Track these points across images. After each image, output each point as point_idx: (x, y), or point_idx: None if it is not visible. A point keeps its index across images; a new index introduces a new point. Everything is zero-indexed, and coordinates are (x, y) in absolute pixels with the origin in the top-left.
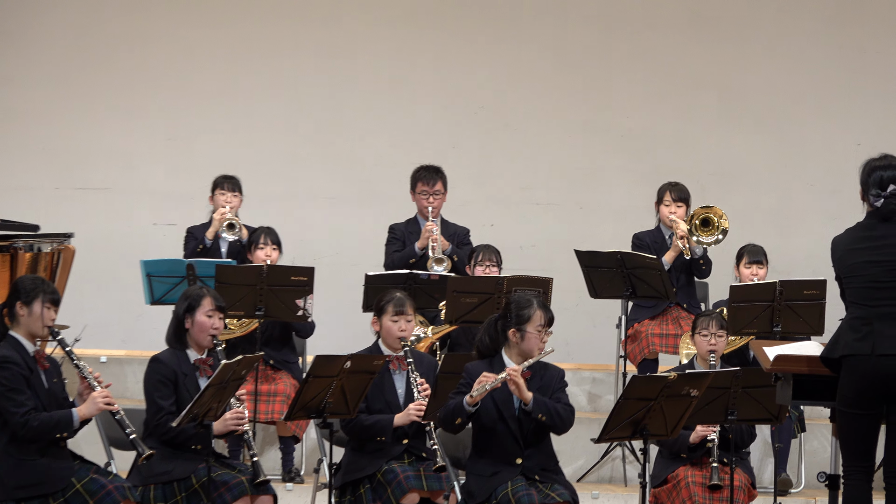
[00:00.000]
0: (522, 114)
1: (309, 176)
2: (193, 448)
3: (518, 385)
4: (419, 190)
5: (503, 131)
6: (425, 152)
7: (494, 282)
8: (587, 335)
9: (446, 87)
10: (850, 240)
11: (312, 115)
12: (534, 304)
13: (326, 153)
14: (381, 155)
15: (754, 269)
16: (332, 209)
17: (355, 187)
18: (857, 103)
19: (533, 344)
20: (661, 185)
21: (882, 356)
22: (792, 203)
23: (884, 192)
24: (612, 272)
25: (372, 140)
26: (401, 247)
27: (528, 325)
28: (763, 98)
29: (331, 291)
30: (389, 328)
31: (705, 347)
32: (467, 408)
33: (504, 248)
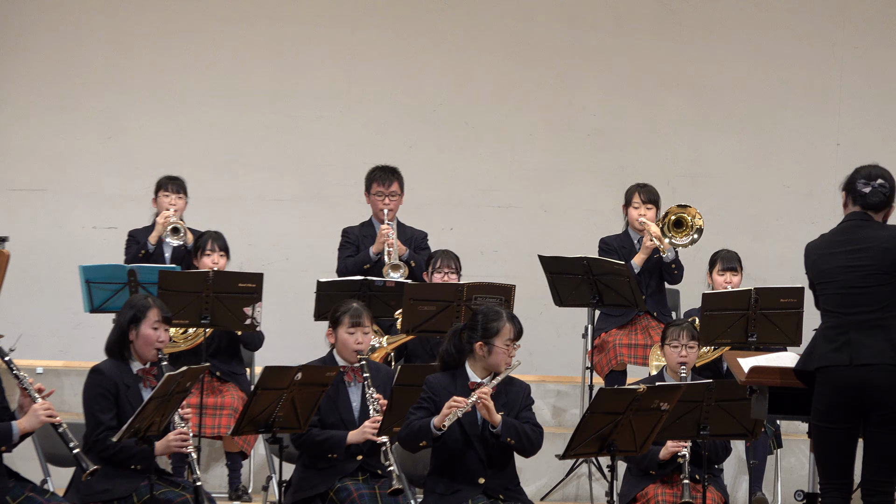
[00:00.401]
0: (483, 112)
1: (258, 177)
2: (134, 468)
3: (488, 409)
4: (374, 191)
5: (463, 130)
6: (381, 152)
7: (454, 289)
8: (551, 345)
9: (403, 84)
10: (824, 244)
11: (262, 113)
12: (503, 316)
13: (276, 153)
14: (334, 155)
15: (728, 277)
16: (281, 212)
17: (306, 189)
18: (835, 102)
19: (500, 359)
20: (630, 187)
21: (860, 366)
22: (767, 206)
23: (873, 182)
24: (577, 279)
25: (324, 139)
26: (354, 252)
27: (497, 338)
28: (736, 96)
29: (280, 299)
30: (345, 341)
31: (675, 359)
32: (434, 432)
33: (464, 253)
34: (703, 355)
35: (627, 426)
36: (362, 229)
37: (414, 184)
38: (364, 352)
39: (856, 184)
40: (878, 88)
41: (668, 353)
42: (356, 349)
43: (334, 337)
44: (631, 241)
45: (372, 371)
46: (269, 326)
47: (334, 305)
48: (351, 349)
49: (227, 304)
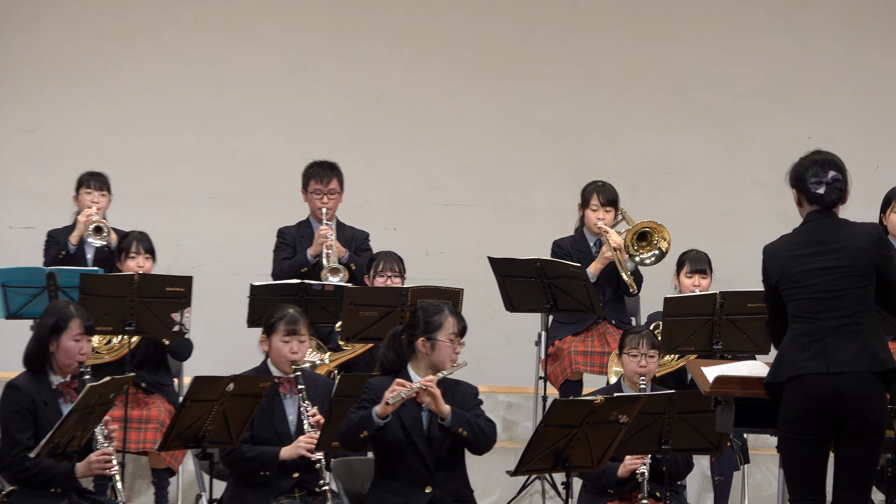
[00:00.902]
0: (430, 102)
1: (186, 173)
2: (53, 491)
3: (434, 396)
4: (312, 189)
5: (408, 122)
6: (319, 146)
7: (397, 293)
8: (502, 354)
9: (342, 72)
10: (791, 246)
11: (192, 105)
12: (445, 310)
13: (207, 147)
14: (269, 149)
15: (697, 280)
16: (212, 211)
17: (239, 186)
18: (807, 93)
19: (445, 354)
20: (587, 186)
21: (837, 374)
22: (735, 205)
23: (825, 178)
24: (530, 282)
25: (258, 132)
26: (291, 253)
27: (440, 333)
28: (702, 88)
29: (211, 304)
30: (280, 349)
31: (634, 369)
32: (376, 419)
33: (408, 254)
34: (667, 364)
35: (583, 440)
36: (299, 229)
37: (355, 181)
38: (300, 362)
39: (806, 183)
40: (851, 78)
41: (626, 362)
42: (291, 359)
43: (268, 345)
44: (587, 244)
45: (308, 382)
46: (199, 334)
47: (268, 311)
48: (286, 359)
49: (153, 309)
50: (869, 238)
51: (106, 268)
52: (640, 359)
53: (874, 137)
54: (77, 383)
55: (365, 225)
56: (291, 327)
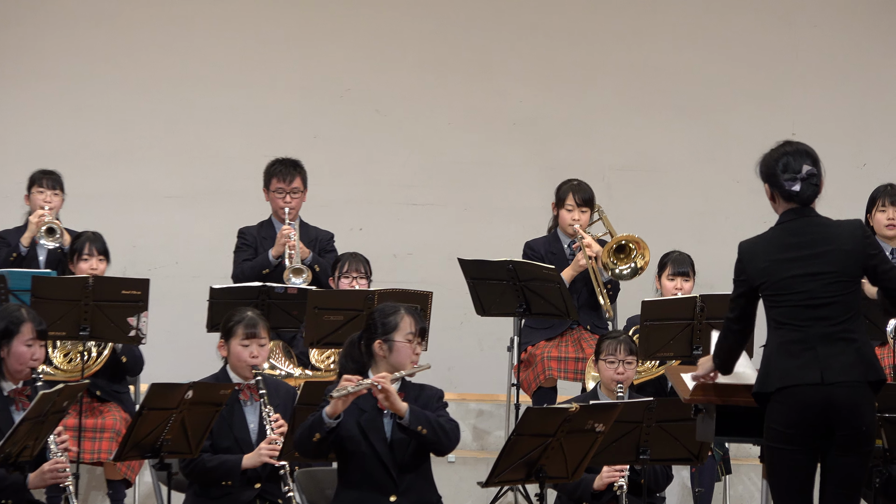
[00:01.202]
0: (397, 98)
1: (143, 171)
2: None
3: (388, 393)
4: (274, 187)
5: (373, 118)
6: (281, 143)
7: (363, 297)
8: (473, 359)
9: (306, 66)
10: (772, 247)
11: (148, 100)
12: (401, 310)
13: (164, 144)
14: (229, 146)
15: (679, 283)
16: (170, 210)
17: (198, 184)
18: (791, 86)
19: (404, 355)
20: (562, 185)
21: (833, 385)
22: (714, 203)
23: (799, 174)
24: (502, 285)
25: (218, 129)
26: (252, 255)
27: (396, 333)
28: (679, 80)
29: (169, 308)
30: (239, 354)
31: (611, 376)
32: (327, 420)
33: (375, 256)
34: (647, 371)
35: (558, 450)
36: (261, 230)
37: (319, 179)
38: (260, 366)
39: (780, 179)
40: (837, 71)
41: (602, 369)
42: (251, 363)
43: (226, 350)
44: (560, 246)
45: (270, 388)
46: (157, 339)
47: (226, 315)
48: (245, 363)
49: (108, 313)
50: (854, 238)
51: (59, 270)
52: (617, 365)
53: (860, 134)
54: (29, 390)
55: (329, 225)
56: (250, 330)
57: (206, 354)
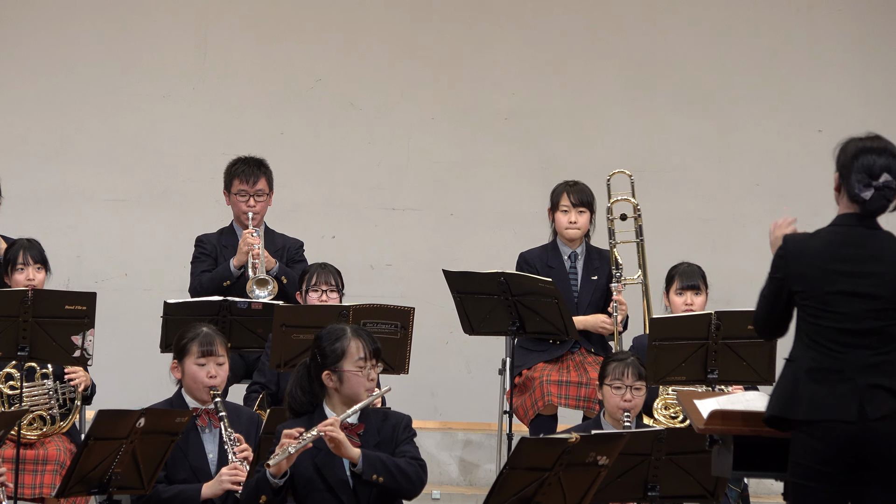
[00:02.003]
0: (373, 89)
1: (87, 171)
2: None
3: (337, 442)
4: (235, 190)
5: (346, 113)
6: (243, 140)
7: (336, 313)
8: (460, 384)
9: (270, 53)
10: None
11: (92, 92)
12: (347, 333)
13: (110, 141)
14: (184, 143)
15: (689, 297)
16: (118, 215)
17: (149, 186)
18: (815, 78)
19: (356, 385)
20: (556, 187)
21: (877, 421)
22: (730, 209)
23: (875, 181)
24: (492, 300)
25: (172, 124)
26: (212, 265)
27: (345, 361)
28: (690, 70)
29: (118, 325)
30: (195, 375)
31: (617, 404)
32: (272, 480)
33: (349, 267)
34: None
35: (556, 486)
36: (221, 237)
37: (286, 180)
38: (219, 387)
39: (852, 176)
40: (866, 60)
41: (608, 395)
42: (209, 384)
43: (180, 371)
44: (559, 256)
45: (231, 414)
46: (104, 360)
47: (178, 332)
48: (202, 385)
49: (50, 331)
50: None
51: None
52: (624, 391)
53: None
54: None
55: (298, 232)
56: (206, 347)
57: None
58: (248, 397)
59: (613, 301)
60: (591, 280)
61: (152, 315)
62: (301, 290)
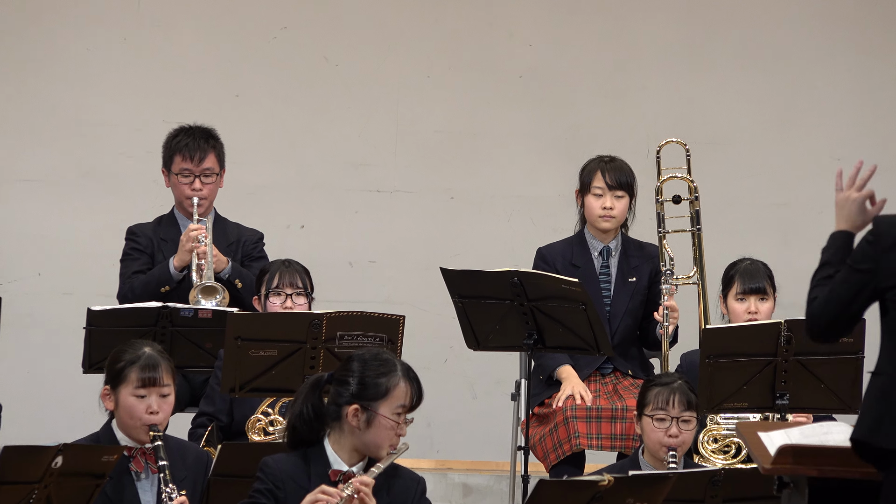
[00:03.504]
0: (351, 40)
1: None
2: None
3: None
4: (177, 168)
5: (320, 70)
6: (186, 106)
7: (307, 323)
8: (462, 412)
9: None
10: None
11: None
12: (397, 371)
13: (20, 109)
14: (115, 111)
15: (753, 304)
16: (30, 201)
17: (71, 165)
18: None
19: (383, 437)
20: (587, 164)
21: None
22: (803, 191)
23: None
24: (504, 307)
25: (95, 87)
26: (147, 264)
27: (383, 404)
28: (751, 22)
29: (29, 336)
30: (131, 408)
31: (661, 440)
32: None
33: (322, 265)
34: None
35: None
36: (160, 228)
37: (242, 156)
38: (162, 425)
39: None
40: None
41: (648, 429)
42: (149, 422)
43: (113, 401)
44: (588, 252)
45: (174, 453)
46: (10, 382)
47: (113, 351)
48: (140, 421)
49: None
50: None
51: None
52: (668, 425)
53: None
54: None
55: (257, 221)
56: (148, 375)
57: (84, 405)
58: (193, 431)
59: (664, 307)
60: (629, 282)
61: (73, 325)
62: (259, 295)
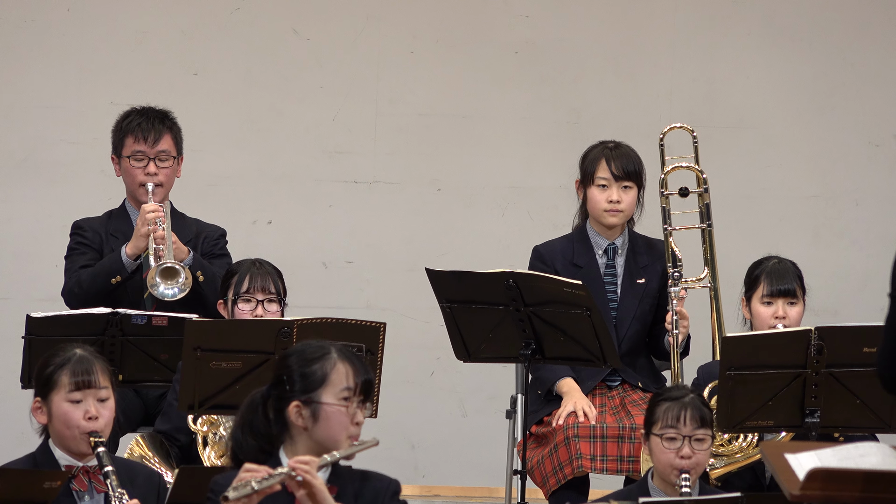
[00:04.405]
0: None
1: None
2: None
3: (313, 489)
4: (129, 152)
5: (288, 45)
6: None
7: (275, 331)
8: (451, 432)
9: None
10: None
11: None
12: (331, 353)
13: None
14: (57, 90)
15: (780, 308)
16: None
17: (7, 152)
18: None
19: (337, 425)
20: (591, 150)
21: None
22: (838, 183)
23: None
24: (497, 312)
25: (38, 63)
26: (95, 259)
27: (325, 391)
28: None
29: None
30: (66, 417)
31: (671, 461)
32: None
33: (293, 265)
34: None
35: None
36: (110, 223)
37: (201, 141)
38: (101, 432)
39: None
40: None
41: (657, 449)
42: (87, 428)
43: (46, 413)
44: (591, 251)
45: (120, 475)
46: None
47: (41, 359)
48: (77, 429)
49: None
50: None
51: None
52: (680, 444)
53: None
54: None
55: (219, 216)
56: (82, 378)
57: (19, 424)
58: None
59: (672, 313)
60: (637, 284)
61: (9, 334)
62: (225, 300)
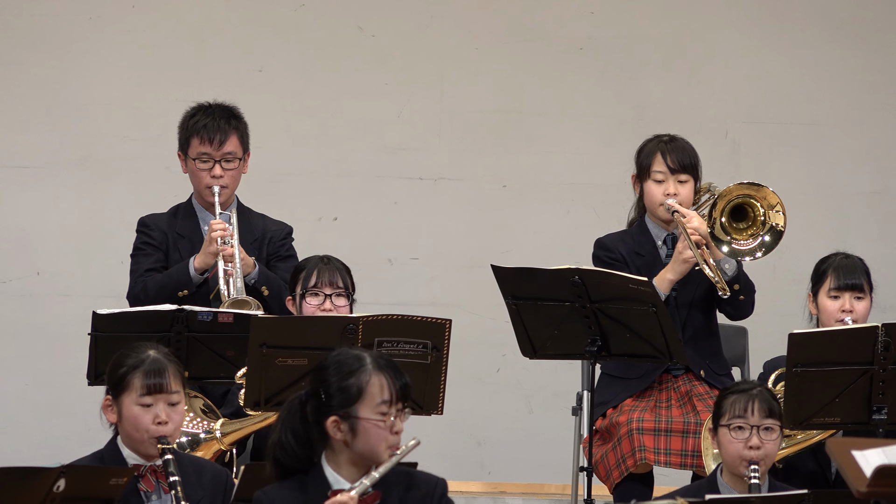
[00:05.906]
0: (389, 9)
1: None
2: None
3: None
4: (195, 153)
5: (353, 42)
6: (205, 81)
7: (341, 328)
8: (516, 428)
9: None
10: None
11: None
12: (365, 364)
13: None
14: (120, 87)
15: (848, 302)
16: (24, 191)
17: (69, 147)
18: None
19: (375, 440)
20: (646, 144)
21: None
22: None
23: None
24: (563, 309)
25: (102, 59)
26: (161, 261)
27: (361, 405)
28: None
29: (26, 343)
30: (136, 419)
31: (739, 453)
32: None
33: (358, 262)
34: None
35: None
36: (175, 220)
37: (266, 138)
38: (171, 438)
39: None
40: None
41: (725, 441)
42: (157, 433)
43: (116, 413)
44: (652, 242)
45: (187, 472)
46: (6, 394)
47: (115, 355)
48: (147, 434)
49: None
50: None
51: None
52: (749, 435)
53: None
54: None
55: (284, 213)
56: (154, 381)
57: (87, 421)
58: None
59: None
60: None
61: (76, 331)
62: (294, 295)
